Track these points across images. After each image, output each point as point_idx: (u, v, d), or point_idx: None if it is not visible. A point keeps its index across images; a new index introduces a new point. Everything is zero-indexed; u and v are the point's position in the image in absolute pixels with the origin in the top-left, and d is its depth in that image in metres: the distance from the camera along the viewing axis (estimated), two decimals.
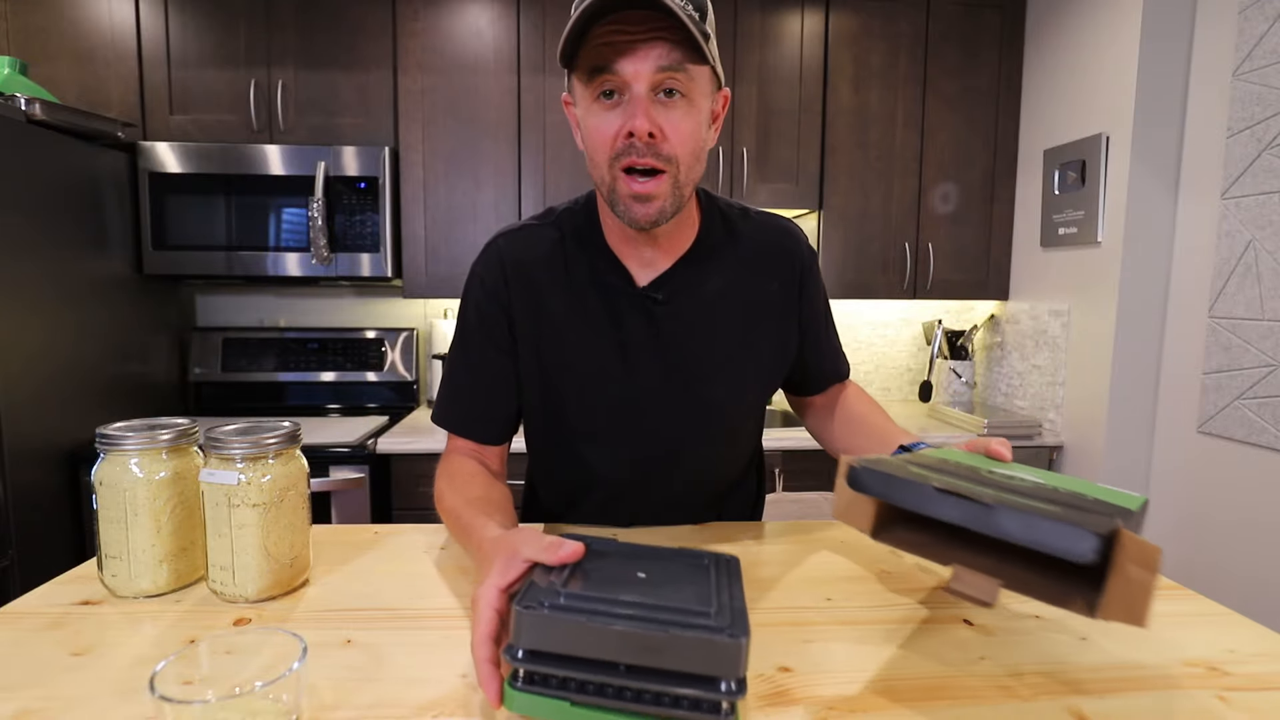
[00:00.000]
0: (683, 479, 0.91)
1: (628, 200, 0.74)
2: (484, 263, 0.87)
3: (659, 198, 0.73)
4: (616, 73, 0.69)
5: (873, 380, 2.66)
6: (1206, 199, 1.78)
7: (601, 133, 0.72)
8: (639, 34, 0.68)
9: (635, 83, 0.69)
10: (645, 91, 0.70)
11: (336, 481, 1.87)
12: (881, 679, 0.57)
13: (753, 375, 0.89)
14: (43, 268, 1.69)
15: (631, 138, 0.70)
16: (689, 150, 0.73)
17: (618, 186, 0.73)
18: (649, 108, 0.70)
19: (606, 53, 0.69)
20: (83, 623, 0.65)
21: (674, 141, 0.72)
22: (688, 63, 0.70)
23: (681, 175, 0.74)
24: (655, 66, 0.69)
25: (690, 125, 0.73)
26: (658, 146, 0.71)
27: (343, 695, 0.53)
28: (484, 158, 2.17)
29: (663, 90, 0.70)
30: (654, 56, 0.68)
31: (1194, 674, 0.58)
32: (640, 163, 0.71)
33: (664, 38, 0.68)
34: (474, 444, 0.89)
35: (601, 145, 0.73)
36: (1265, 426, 1.61)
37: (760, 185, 2.25)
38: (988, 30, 2.28)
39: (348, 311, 2.49)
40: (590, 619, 0.45)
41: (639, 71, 0.69)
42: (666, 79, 0.70)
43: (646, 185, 0.72)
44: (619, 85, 0.70)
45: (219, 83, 2.09)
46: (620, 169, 0.72)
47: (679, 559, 0.57)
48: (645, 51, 0.68)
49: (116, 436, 0.68)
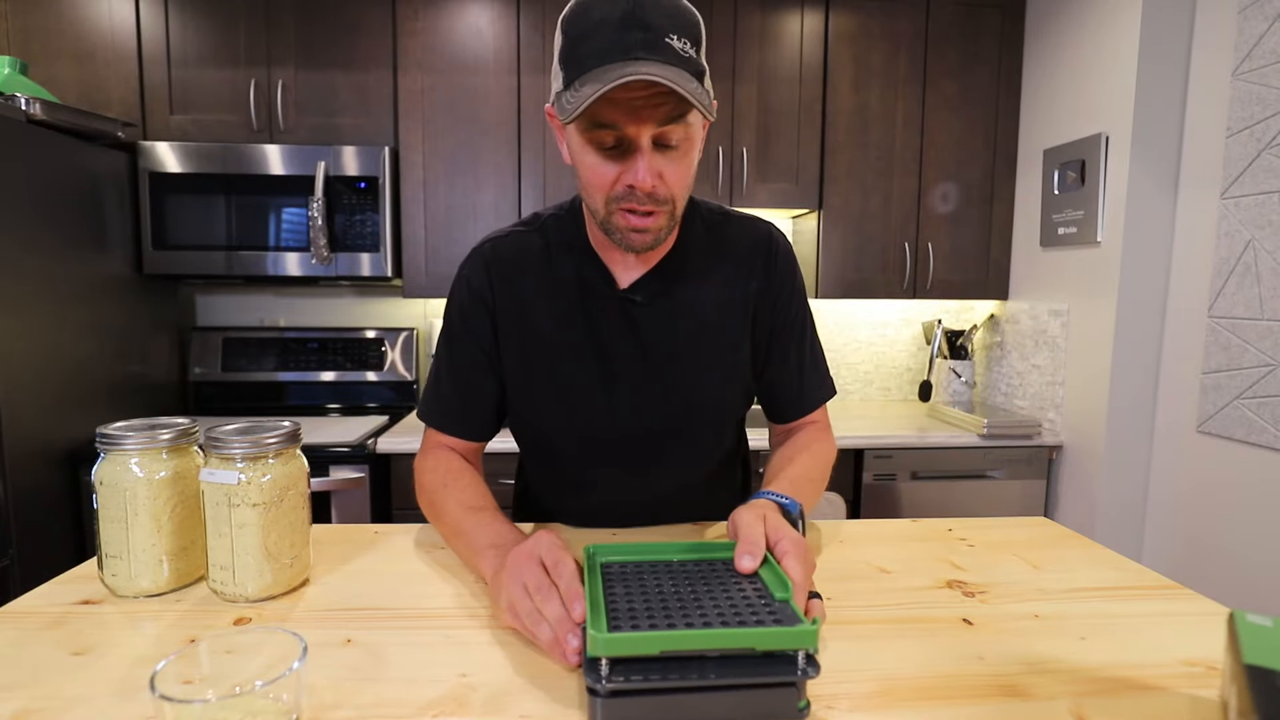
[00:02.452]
0: (666, 478, 0.92)
1: (625, 232, 0.76)
2: (470, 266, 0.89)
3: (655, 230, 0.76)
4: (620, 129, 0.70)
5: (873, 380, 2.67)
6: (1206, 199, 1.78)
7: (600, 175, 0.73)
8: (642, 93, 0.67)
9: (639, 139, 0.70)
10: (648, 146, 0.70)
11: (336, 481, 1.87)
12: (881, 679, 0.57)
13: (731, 375, 0.90)
14: (43, 268, 1.69)
15: (632, 188, 0.72)
16: (684, 187, 0.76)
17: (614, 220, 0.75)
18: (651, 161, 0.71)
19: (609, 111, 0.68)
20: (83, 622, 0.65)
21: (671, 184, 0.74)
22: (688, 114, 0.70)
23: (676, 209, 0.76)
24: (657, 123, 0.69)
25: (686, 166, 0.75)
26: (657, 193, 0.73)
27: (343, 695, 0.53)
28: (484, 158, 2.17)
29: (663, 142, 0.71)
30: (658, 116, 0.69)
31: (1194, 674, 0.58)
32: (640, 209, 0.73)
33: (666, 96, 0.67)
34: (456, 440, 0.91)
35: (599, 186, 0.74)
36: (1265, 426, 1.61)
37: (760, 185, 2.25)
38: (987, 30, 2.28)
39: (347, 311, 2.49)
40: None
41: (642, 130, 0.69)
42: (668, 133, 0.70)
43: (645, 221, 0.74)
44: (621, 139, 0.71)
45: (219, 82, 2.09)
46: (620, 209, 0.74)
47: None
48: (650, 113, 0.68)
49: (117, 436, 0.68)
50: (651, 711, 0.48)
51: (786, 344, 0.91)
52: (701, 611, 0.54)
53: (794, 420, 0.95)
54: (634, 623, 0.52)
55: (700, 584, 0.59)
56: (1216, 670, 0.59)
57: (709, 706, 0.48)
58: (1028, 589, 0.74)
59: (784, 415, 0.95)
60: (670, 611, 0.54)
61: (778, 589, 0.57)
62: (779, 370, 0.92)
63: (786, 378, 0.93)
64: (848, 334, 2.64)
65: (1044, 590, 0.74)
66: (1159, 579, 0.77)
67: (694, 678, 0.48)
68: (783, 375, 0.92)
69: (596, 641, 0.47)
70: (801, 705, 0.50)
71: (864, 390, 2.67)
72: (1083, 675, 0.57)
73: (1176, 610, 0.70)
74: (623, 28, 0.66)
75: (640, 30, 0.66)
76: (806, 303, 0.94)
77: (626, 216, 0.74)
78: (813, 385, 0.94)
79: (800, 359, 0.93)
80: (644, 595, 0.57)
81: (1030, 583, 0.76)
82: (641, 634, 0.49)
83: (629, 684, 0.47)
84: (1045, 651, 0.61)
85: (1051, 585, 0.75)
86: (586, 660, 0.49)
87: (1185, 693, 0.55)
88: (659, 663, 0.49)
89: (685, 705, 0.48)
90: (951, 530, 0.92)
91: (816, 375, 0.95)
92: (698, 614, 0.53)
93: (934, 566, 0.80)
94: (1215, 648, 0.62)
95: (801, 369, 0.93)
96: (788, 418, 0.95)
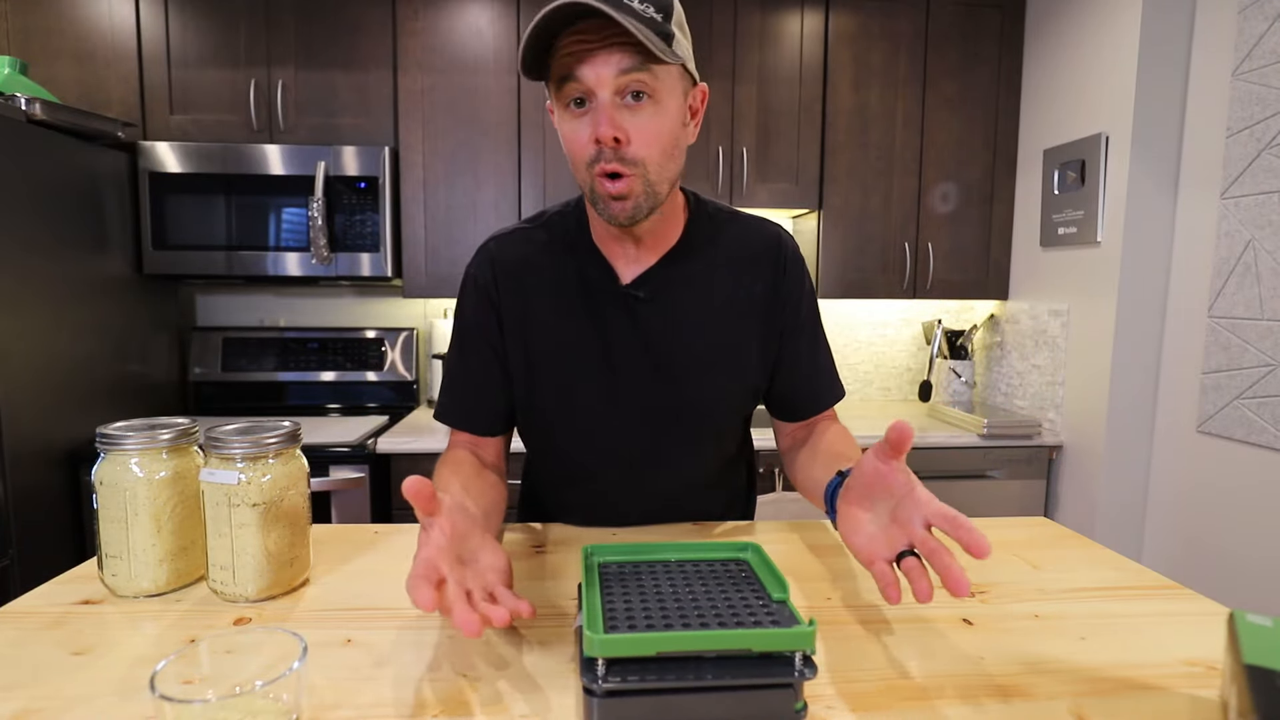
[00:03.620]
0: (668, 476, 0.92)
1: (605, 200, 0.76)
2: (476, 264, 0.90)
3: (631, 196, 0.75)
4: (580, 80, 0.71)
5: (872, 380, 2.67)
6: (1206, 199, 1.78)
7: (575, 139, 0.74)
8: (597, 42, 0.69)
9: (599, 89, 0.71)
10: (609, 98, 0.71)
11: (336, 481, 1.87)
12: (881, 679, 0.57)
13: (735, 374, 0.89)
14: (43, 268, 1.69)
15: (599, 144, 0.72)
16: (658, 150, 0.75)
17: (595, 188, 0.76)
18: (613, 114, 0.71)
19: (569, 62, 0.70)
20: (83, 622, 0.65)
21: (639, 144, 0.73)
22: (650, 63, 0.70)
23: (652, 174, 0.75)
24: (616, 71, 0.70)
25: (657, 125, 0.74)
26: (623, 151, 0.73)
27: (343, 695, 0.53)
28: (484, 158, 2.17)
29: (629, 94, 0.71)
30: (614, 62, 0.69)
31: (1194, 674, 0.58)
32: (608, 168, 0.73)
33: (622, 42, 0.69)
34: (471, 436, 0.91)
35: (577, 151, 0.75)
36: (1264, 426, 1.61)
37: (760, 185, 2.25)
38: (987, 30, 2.28)
39: (348, 311, 2.49)
40: None
41: (601, 77, 0.70)
42: (631, 82, 0.71)
43: (617, 185, 0.74)
44: (585, 92, 0.72)
45: (219, 82, 2.09)
46: (596, 173, 0.74)
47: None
48: (605, 57, 0.69)
49: (117, 436, 0.69)
50: (647, 712, 0.48)
51: (799, 345, 0.92)
52: (699, 612, 0.54)
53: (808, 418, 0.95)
54: (630, 623, 0.52)
55: (698, 584, 0.59)
56: (1216, 670, 0.59)
57: (705, 707, 0.48)
58: (1027, 589, 0.74)
59: (797, 414, 0.95)
60: (667, 612, 0.54)
61: (775, 590, 0.57)
62: (791, 371, 0.92)
63: (799, 380, 0.93)
64: (848, 334, 2.64)
65: (1044, 590, 0.74)
66: (1159, 579, 0.77)
67: (690, 678, 0.48)
68: (795, 377, 0.92)
69: (592, 642, 0.47)
70: (799, 707, 0.50)
71: (864, 390, 2.67)
72: (1083, 675, 0.58)
73: (1176, 610, 0.70)
74: None
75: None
76: (816, 304, 0.94)
77: (603, 182, 0.74)
78: (825, 385, 0.94)
79: (814, 359, 0.93)
80: (641, 596, 0.57)
81: (1030, 583, 0.76)
82: (637, 635, 0.49)
83: (625, 684, 0.47)
84: (1045, 651, 0.61)
85: (1051, 585, 0.75)
86: (583, 660, 0.49)
87: (1185, 693, 0.55)
88: (655, 663, 0.49)
89: (681, 706, 0.48)
90: None
91: (829, 376, 0.95)
92: (695, 615, 0.53)
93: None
94: (1215, 648, 0.62)
95: (815, 369, 0.93)
96: (801, 416, 0.95)
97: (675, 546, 0.67)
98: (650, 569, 0.63)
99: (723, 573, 0.62)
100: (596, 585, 0.59)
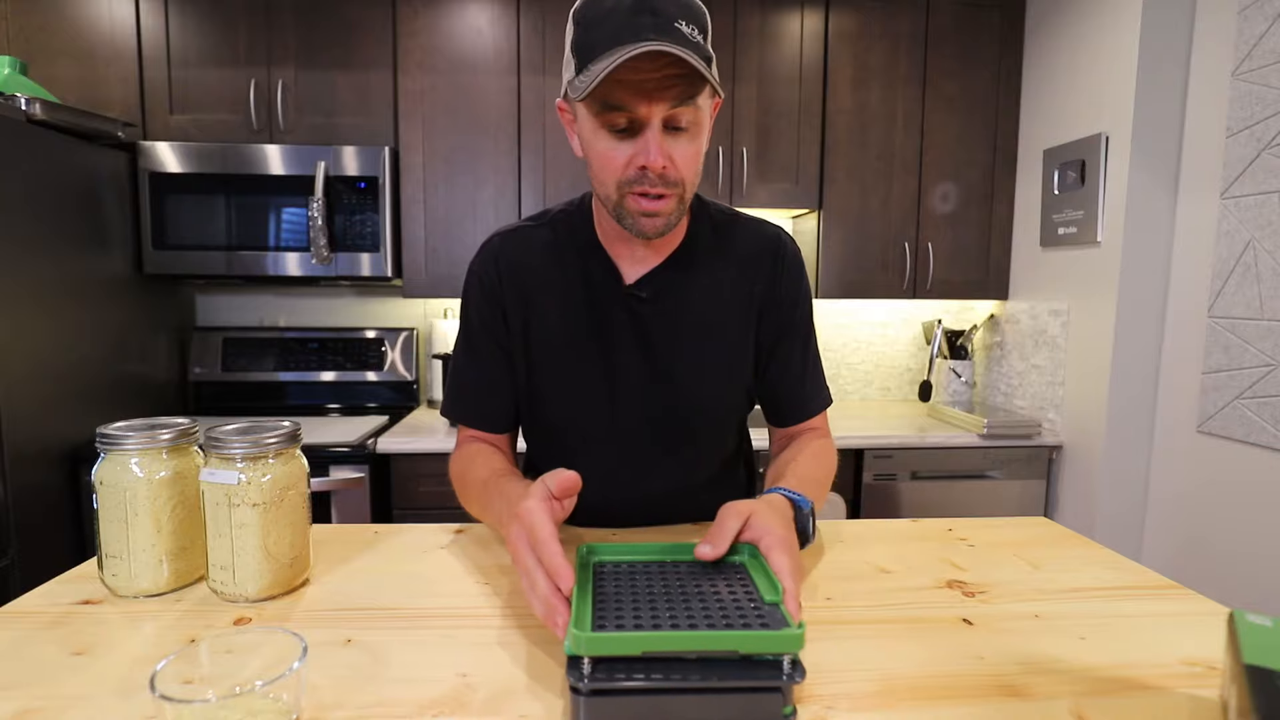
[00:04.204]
0: (669, 476, 0.92)
1: (636, 216, 0.76)
2: (480, 261, 0.90)
3: (666, 214, 0.76)
4: (631, 110, 0.71)
5: (872, 380, 2.67)
6: (1206, 199, 1.78)
7: (611, 159, 0.74)
8: (652, 74, 0.68)
9: (650, 120, 0.71)
10: (658, 127, 0.71)
11: (336, 481, 1.87)
12: (881, 679, 0.57)
13: (735, 375, 0.90)
14: (43, 268, 1.69)
15: (644, 169, 0.73)
16: (693, 170, 0.77)
17: (626, 204, 0.76)
18: (663, 143, 0.72)
19: (620, 92, 0.69)
20: (83, 622, 0.65)
21: (681, 167, 0.74)
22: (698, 95, 0.71)
23: (686, 193, 0.77)
24: (670, 104, 0.70)
25: (696, 148, 0.75)
26: (667, 175, 0.74)
27: (343, 695, 0.53)
28: (484, 158, 2.17)
29: (673, 124, 0.72)
30: (669, 96, 0.70)
31: (1194, 674, 0.58)
32: (652, 191, 0.74)
33: (676, 74, 0.69)
34: (481, 433, 0.92)
35: (611, 170, 0.75)
36: (1265, 426, 1.61)
37: (760, 185, 2.25)
38: (987, 30, 2.28)
39: (347, 311, 2.49)
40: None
41: (653, 110, 0.70)
42: (680, 114, 0.72)
43: (656, 204, 0.75)
44: (633, 120, 0.72)
45: (219, 83, 2.09)
46: (634, 193, 0.75)
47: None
48: (661, 93, 0.70)
49: (117, 436, 0.68)
50: (633, 712, 0.48)
51: (791, 347, 0.92)
52: (689, 613, 0.53)
53: (796, 424, 0.95)
54: (619, 622, 0.52)
55: (691, 585, 0.59)
56: (1216, 670, 0.59)
57: (692, 709, 0.48)
58: (1027, 589, 0.74)
59: (785, 419, 0.95)
60: (658, 612, 0.54)
61: (768, 592, 0.57)
62: (782, 373, 0.92)
63: (790, 381, 0.93)
64: (848, 334, 2.64)
65: (1044, 590, 0.74)
66: (1159, 579, 0.77)
67: (677, 679, 0.48)
68: (786, 378, 0.93)
69: (578, 640, 0.47)
70: (787, 711, 0.49)
71: (864, 390, 2.67)
72: (1083, 675, 0.57)
73: (1176, 610, 0.70)
74: (634, 12, 0.68)
75: (650, 15, 0.68)
76: (812, 310, 0.94)
77: (638, 200, 0.75)
78: (814, 391, 0.95)
79: (804, 363, 0.93)
80: (633, 595, 0.57)
81: (1030, 583, 0.76)
82: (623, 634, 0.49)
83: (611, 683, 0.47)
84: (1045, 651, 0.61)
85: (1051, 585, 0.75)
86: (569, 659, 0.49)
87: (1185, 693, 0.55)
88: (642, 663, 0.48)
89: (668, 706, 0.48)
90: (951, 530, 0.92)
91: (818, 381, 0.95)
92: (685, 615, 0.53)
93: (934, 566, 0.80)
94: (1215, 648, 0.62)
95: (805, 373, 0.93)
96: (789, 421, 0.95)
97: (671, 547, 0.66)
98: (645, 569, 0.63)
99: (717, 574, 0.62)
100: (589, 584, 0.59)
